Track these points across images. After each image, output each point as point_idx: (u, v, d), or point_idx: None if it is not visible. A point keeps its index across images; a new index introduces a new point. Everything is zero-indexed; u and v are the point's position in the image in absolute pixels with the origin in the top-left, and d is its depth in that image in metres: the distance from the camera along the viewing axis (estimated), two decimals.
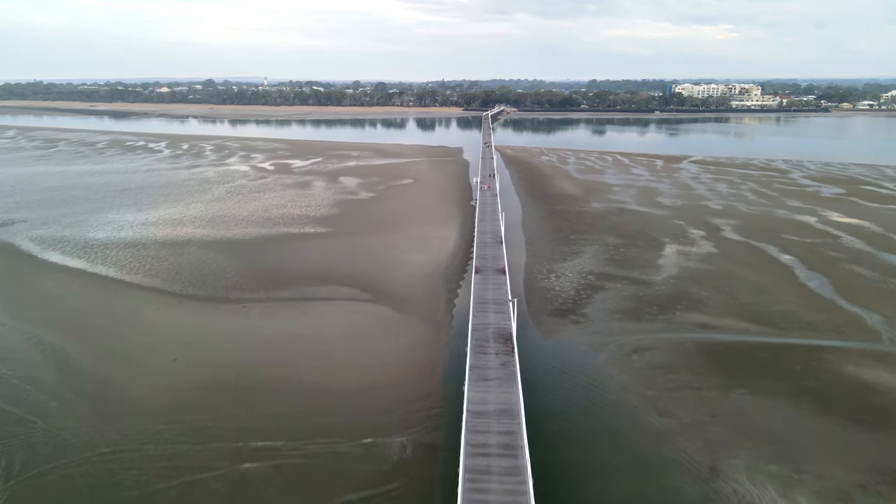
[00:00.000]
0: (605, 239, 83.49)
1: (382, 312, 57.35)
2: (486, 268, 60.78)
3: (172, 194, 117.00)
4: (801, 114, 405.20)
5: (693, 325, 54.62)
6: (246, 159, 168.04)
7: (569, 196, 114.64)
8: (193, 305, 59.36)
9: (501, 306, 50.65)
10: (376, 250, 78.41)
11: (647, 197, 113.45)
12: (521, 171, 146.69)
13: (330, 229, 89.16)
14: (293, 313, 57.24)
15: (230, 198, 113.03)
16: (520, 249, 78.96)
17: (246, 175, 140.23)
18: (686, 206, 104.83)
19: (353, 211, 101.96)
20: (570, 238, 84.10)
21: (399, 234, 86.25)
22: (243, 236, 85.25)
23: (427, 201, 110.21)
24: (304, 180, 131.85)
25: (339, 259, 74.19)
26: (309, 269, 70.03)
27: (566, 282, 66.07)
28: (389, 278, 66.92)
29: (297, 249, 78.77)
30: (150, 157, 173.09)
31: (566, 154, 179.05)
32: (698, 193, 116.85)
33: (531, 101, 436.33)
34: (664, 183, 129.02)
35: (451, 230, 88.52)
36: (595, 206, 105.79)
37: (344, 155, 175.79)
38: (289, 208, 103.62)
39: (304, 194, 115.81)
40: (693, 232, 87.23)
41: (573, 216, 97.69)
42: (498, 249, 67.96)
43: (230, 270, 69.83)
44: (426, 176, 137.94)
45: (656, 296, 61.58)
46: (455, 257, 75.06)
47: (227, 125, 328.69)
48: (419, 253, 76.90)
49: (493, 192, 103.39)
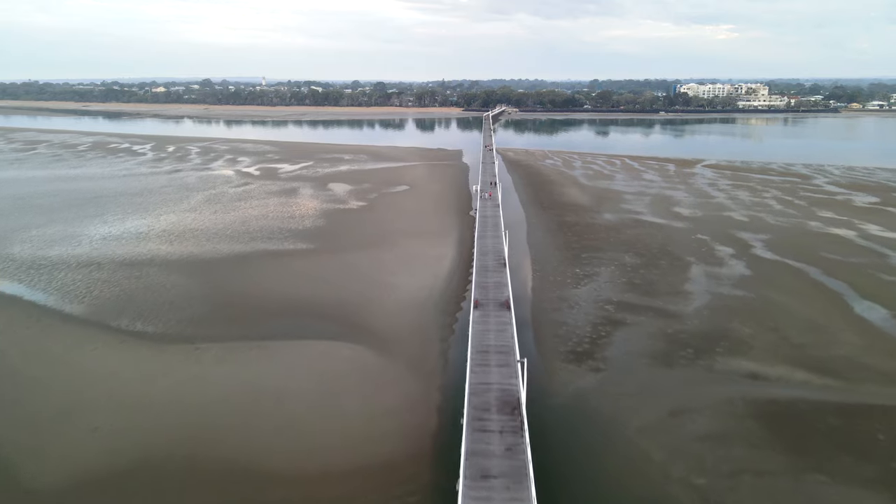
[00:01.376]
0: (621, 258, 73.81)
1: (362, 357, 47.68)
2: (488, 301, 51.07)
3: (145, 203, 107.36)
4: (810, 114, 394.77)
5: (739, 374, 44.92)
6: (232, 163, 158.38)
7: (577, 205, 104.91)
8: (137, 346, 49.68)
9: (506, 356, 40.99)
10: (362, 272, 68.77)
11: (662, 206, 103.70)
12: (524, 177, 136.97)
13: (312, 245, 79.51)
14: (255, 358, 47.59)
15: (207, 207, 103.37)
16: (525, 270, 69.30)
17: (229, 181, 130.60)
18: (707, 218, 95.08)
19: (340, 223, 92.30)
20: (582, 257, 74.40)
21: (389, 251, 76.61)
22: (213, 254, 75.60)
23: (422, 211, 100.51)
24: (291, 187, 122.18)
25: (318, 283, 64.54)
26: (282, 297, 60.36)
27: (581, 314, 56.38)
28: (374, 309, 57.25)
29: (272, 271, 69.11)
30: (132, 161, 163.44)
31: (572, 157, 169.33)
32: (718, 202, 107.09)
33: (533, 102, 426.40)
34: (679, 190, 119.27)
35: (448, 246, 78.86)
36: (607, 217, 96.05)
37: (336, 158, 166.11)
38: (270, 219, 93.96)
39: (288, 203, 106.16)
40: (720, 249, 77.49)
41: (584, 229, 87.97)
42: (501, 274, 58.27)
43: (190, 299, 60.17)
44: (422, 182, 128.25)
45: (689, 333, 51.88)
46: (451, 281, 65.37)
47: (219, 126, 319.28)
48: (410, 275, 67.23)
49: (494, 201, 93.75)
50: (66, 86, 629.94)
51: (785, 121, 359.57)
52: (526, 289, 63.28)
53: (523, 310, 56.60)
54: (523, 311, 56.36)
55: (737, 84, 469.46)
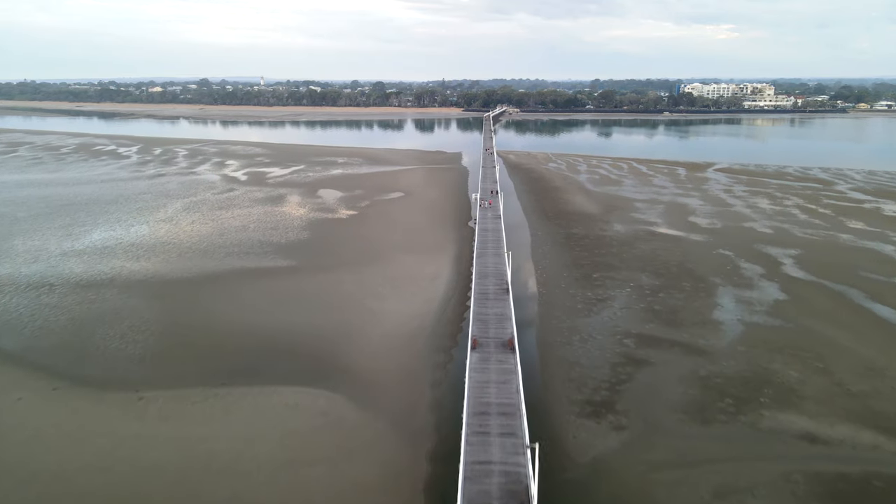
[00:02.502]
0: (637, 278, 65.92)
1: (338, 410, 39.83)
2: (488, 340, 43.20)
3: (118, 212, 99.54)
4: (817, 115, 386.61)
5: (793, 435, 37.03)
6: (219, 167, 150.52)
7: (585, 215, 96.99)
8: (72, 395, 41.84)
9: (510, 419, 33.19)
10: (346, 295, 60.93)
11: (677, 216, 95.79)
12: (527, 182, 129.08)
13: (292, 262, 71.68)
14: (209, 411, 39.74)
15: (184, 217, 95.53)
16: (530, 294, 61.42)
17: (213, 187, 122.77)
18: (728, 230, 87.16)
19: (327, 235, 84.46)
20: (594, 277, 66.51)
21: (378, 270, 68.79)
22: (182, 273, 67.77)
23: (416, 222, 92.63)
24: (278, 194, 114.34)
25: (294, 310, 56.68)
26: (251, 328, 52.51)
27: (596, 350, 48.50)
28: (356, 344, 49.42)
29: (244, 294, 61.26)
30: (114, 165, 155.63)
31: (576, 161, 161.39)
32: (737, 211, 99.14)
33: (534, 102, 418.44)
34: (693, 197, 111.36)
35: (444, 264, 71.01)
36: (618, 228, 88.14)
37: (329, 162, 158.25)
38: (250, 231, 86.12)
39: (272, 213, 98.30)
40: (746, 267, 69.60)
41: (593, 243, 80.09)
42: (503, 303, 50.42)
43: (145, 330, 52.32)
44: (419, 188, 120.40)
45: (725, 377, 44.00)
46: (446, 308, 57.49)
47: (213, 127, 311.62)
48: (400, 300, 59.39)
49: (495, 211, 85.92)
50: (62, 86, 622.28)
51: (792, 121, 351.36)
52: (531, 317, 55.43)
53: (529, 344, 48.79)
54: (529, 346, 48.55)
55: (742, 84, 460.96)
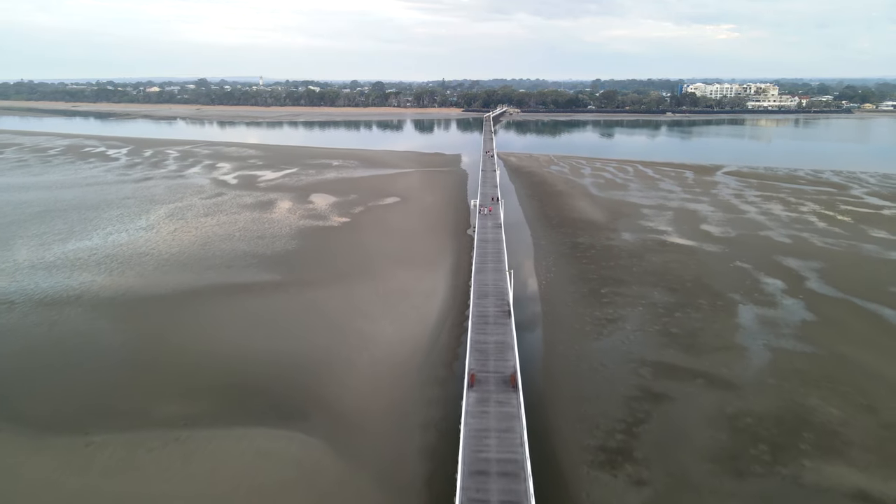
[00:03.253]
0: (649, 294, 60.70)
1: (313, 458, 34.63)
2: (487, 375, 38.01)
3: (99, 218, 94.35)
4: (822, 115, 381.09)
5: (844, 493, 31.83)
6: (209, 170, 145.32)
7: (591, 222, 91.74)
8: (10, 440, 36.64)
9: (513, 482, 27.99)
10: (332, 315, 55.75)
11: (688, 223, 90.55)
12: (529, 187, 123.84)
13: (277, 276, 66.47)
14: (167, 461, 34.53)
15: (167, 225, 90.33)
16: (533, 314, 56.20)
17: (201, 191, 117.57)
18: (743, 239, 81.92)
19: (317, 245, 79.27)
20: (602, 293, 61.28)
21: (369, 285, 63.58)
22: (156, 289, 62.56)
23: (412, 230, 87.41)
24: (268, 199, 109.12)
25: (274, 334, 51.48)
26: (225, 355, 47.32)
27: (608, 383, 43.28)
28: (340, 375, 44.23)
29: (222, 314, 56.05)
30: (101, 167, 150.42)
31: (579, 163, 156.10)
32: (751, 219, 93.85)
33: (535, 102, 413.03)
34: (703, 203, 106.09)
35: (440, 279, 65.78)
36: (626, 237, 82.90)
37: (324, 165, 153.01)
38: (235, 241, 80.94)
39: (260, 220, 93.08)
40: (767, 282, 64.36)
41: (601, 254, 74.85)
42: (504, 329, 45.23)
43: (107, 358, 47.15)
44: (415, 193, 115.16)
45: (756, 416, 38.78)
46: (441, 330, 52.26)
47: (208, 127, 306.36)
48: (391, 322, 54.17)
49: (495, 219, 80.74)
50: (59, 86, 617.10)
51: (796, 122, 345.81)
52: (535, 342, 50.22)
53: (533, 376, 43.59)
54: (533, 377, 43.35)
55: (745, 84, 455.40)
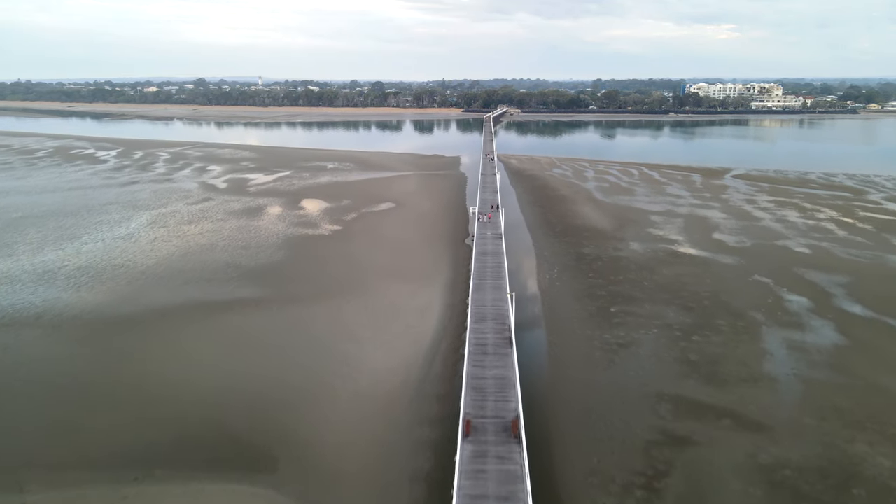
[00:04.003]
0: (663, 313, 55.58)
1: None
2: (485, 421, 32.91)
3: (75, 227, 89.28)
4: (826, 115, 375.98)
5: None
6: (199, 173, 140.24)
7: (596, 230, 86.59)
8: None
9: None
10: (317, 336, 50.69)
11: (699, 232, 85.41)
12: (530, 191, 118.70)
13: (259, 292, 61.34)
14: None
15: (147, 233, 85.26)
16: (537, 338, 51.09)
17: (188, 196, 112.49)
18: (759, 249, 76.78)
19: (305, 256, 74.19)
20: (612, 312, 56.16)
21: (358, 302, 58.48)
22: (126, 308, 57.44)
23: (407, 239, 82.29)
24: (257, 204, 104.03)
25: (251, 361, 46.39)
26: (191, 390, 42.23)
27: (622, 423, 38.14)
28: (319, 411, 39.13)
29: (195, 338, 50.95)
30: (87, 170, 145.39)
31: (582, 166, 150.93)
32: (766, 227, 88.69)
33: (536, 102, 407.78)
34: (714, 209, 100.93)
35: (435, 294, 60.66)
36: (634, 247, 77.76)
37: (318, 167, 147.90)
38: (217, 251, 75.88)
39: (247, 228, 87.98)
40: (791, 300, 59.21)
41: (608, 267, 69.71)
42: (504, 361, 40.10)
43: (59, 391, 42.04)
44: (412, 198, 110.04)
45: (796, 467, 33.65)
46: (435, 357, 47.14)
47: (204, 128, 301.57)
48: (380, 345, 49.07)
49: (495, 228, 75.64)
50: (55, 86, 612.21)
51: (801, 122, 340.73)
52: (539, 372, 45.10)
53: (538, 417, 38.49)
54: (538, 418, 38.25)
55: (748, 84, 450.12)
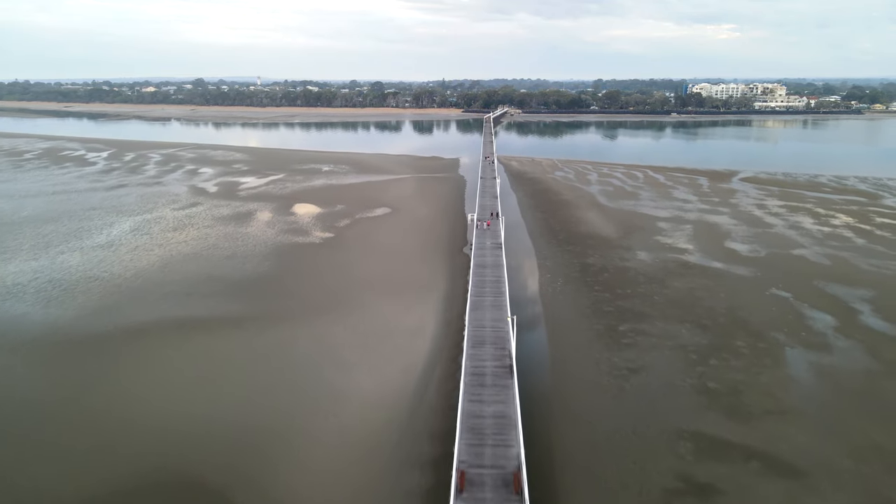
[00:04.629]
0: (677, 332, 51.27)
1: None
2: (482, 473, 28.60)
3: (53, 234, 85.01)
4: (831, 116, 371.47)
5: None
6: (190, 176, 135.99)
7: (601, 238, 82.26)
8: None
9: None
10: (298, 363, 46.41)
11: (710, 239, 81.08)
12: (531, 195, 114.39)
13: (241, 309, 57.02)
14: None
15: (129, 241, 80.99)
16: (540, 362, 46.77)
17: (175, 201, 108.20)
18: (775, 259, 72.45)
19: (292, 267, 69.90)
20: (621, 331, 51.84)
21: (346, 320, 54.20)
22: (96, 325, 53.16)
23: (402, 248, 77.98)
24: (247, 210, 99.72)
25: (224, 391, 42.10)
26: (152, 430, 37.90)
27: (635, 466, 33.80)
28: (295, 456, 34.82)
29: (164, 363, 46.63)
30: (75, 173, 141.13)
31: (585, 168, 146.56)
32: (780, 234, 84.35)
33: (537, 102, 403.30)
34: (724, 214, 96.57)
35: (429, 311, 56.35)
36: (643, 257, 73.43)
37: (313, 170, 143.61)
38: (200, 261, 71.62)
39: (234, 235, 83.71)
40: (813, 317, 54.89)
41: (615, 279, 65.37)
42: (504, 396, 35.83)
43: (3, 433, 37.73)
44: (408, 203, 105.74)
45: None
46: (427, 387, 42.82)
47: (200, 128, 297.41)
48: (367, 371, 44.78)
49: (495, 237, 71.34)
50: (51, 86, 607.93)
51: (805, 123, 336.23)
52: (542, 403, 40.75)
53: (542, 460, 34.16)
54: (543, 462, 33.94)
55: (751, 84, 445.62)
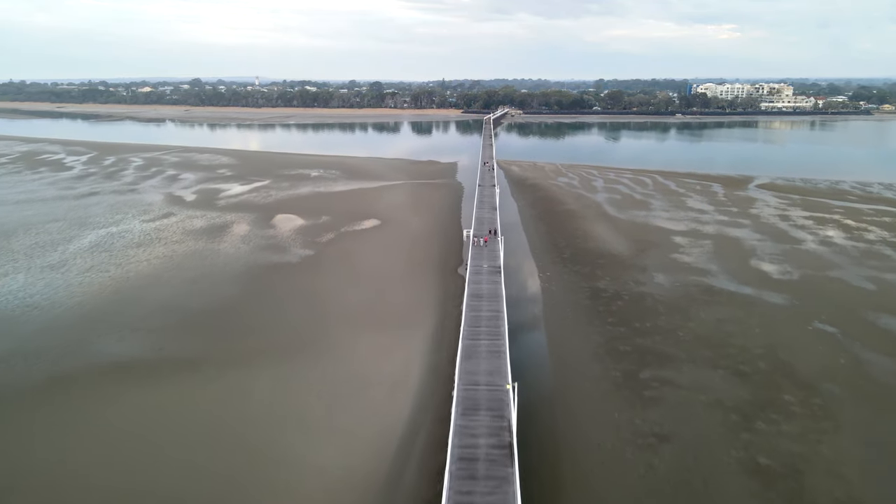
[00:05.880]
0: (710, 381, 42.69)
1: None
2: None
3: (3, 250, 76.51)
4: (839, 117, 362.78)
5: None
6: (169, 182, 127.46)
7: (612, 256, 73.67)
8: None
9: None
10: (252, 421, 37.81)
11: (734, 259, 72.46)
12: (534, 204, 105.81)
13: (195, 349, 48.45)
14: None
15: (84, 260, 72.45)
16: (546, 425, 38.17)
17: (147, 211, 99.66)
18: (810, 283, 63.81)
19: (263, 293, 61.32)
20: (642, 380, 43.22)
21: (316, 366, 45.67)
22: (18, 372, 44.62)
23: (388, 270, 69.37)
24: (223, 222, 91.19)
25: (165, 454, 33.52)
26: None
27: None
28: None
29: (93, 422, 38.08)
30: (47, 179, 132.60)
31: (590, 174, 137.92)
32: (811, 251, 75.73)
33: (538, 103, 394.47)
34: (745, 227, 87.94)
35: (415, 354, 47.77)
36: (660, 280, 64.78)
37: (301, 176, 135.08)
38: (161, 285, 63.10)
39: (203, 252, 75.20)
40: (870, 360, 46.25)
41: (631, 308, 56.73)
42: (502, 489, 27.25)
43: None
44: (400, 213, 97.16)
45: None
46: (405, 465, 34.22)
47: (193, 130, 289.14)
48: (333, 439, 36.19)
49: (493, 260, 62.69)
50: (51, 86, 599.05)
51: (812, 124, 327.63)
52: (550, 488, 32.21)
53: None
54: None
55: (757, 84, 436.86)
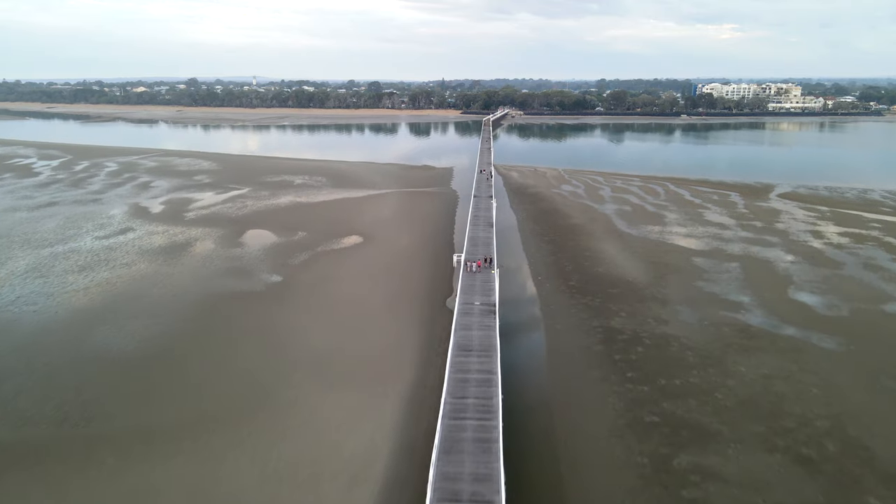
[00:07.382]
0: (765, 472, 32.64)
1: None
2: None
3: None
4: (849, 118, 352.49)
5: None
6: (139, 191, 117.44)
7: (626, 283, 63.50)
8: None
9: None
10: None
11: (768, 286, 62.29)
12: (535, 217, 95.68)
13: (108, 420, 38.48)
14: None
15: (11, 289, 62.42)
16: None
17: (105, 225, 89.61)
18: (864, 321, 53.69)
19: (212, 334, 51.26)
20: (676, 469, 33.13)
21: (257, 445, 35.66)
22: None
23: (365, 302, 59.24)
24: (186, 239, 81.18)
25: None
26: None
27: None
28: None
29: None
30: (8, 187, 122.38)
31: (595, 181, 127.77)
32: (855, 277, 65.60)
33: (539, 103, 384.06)
34: (775, 246, 77.81)
35: (383, 428, 37.70)
36: (685, 317, 54.65)
37: (283, 183, 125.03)
38: (92, 323, 53.08)
39: (155, 277, 65.19)
40: None
41: (654, 358, 46.60)
42: None
43: None
44: (386, 229, 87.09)
45: None
46: None
47: (185, 131, 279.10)
48: None
49: (487, 295, 52.52)
50: (46, 86, 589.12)
51: (822, 125, 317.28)
52: None
53: None
54: None
55: (764, 84, 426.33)
